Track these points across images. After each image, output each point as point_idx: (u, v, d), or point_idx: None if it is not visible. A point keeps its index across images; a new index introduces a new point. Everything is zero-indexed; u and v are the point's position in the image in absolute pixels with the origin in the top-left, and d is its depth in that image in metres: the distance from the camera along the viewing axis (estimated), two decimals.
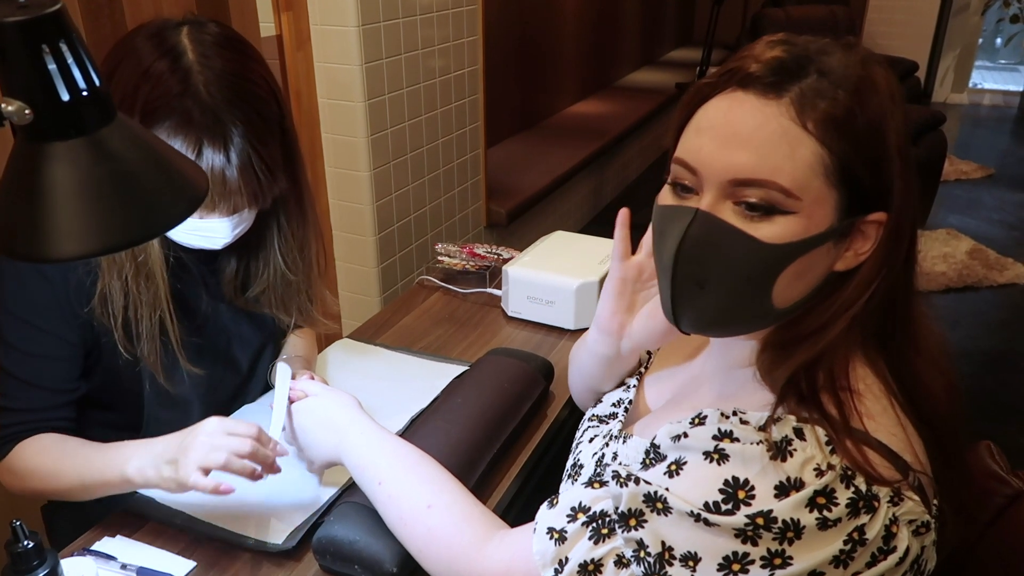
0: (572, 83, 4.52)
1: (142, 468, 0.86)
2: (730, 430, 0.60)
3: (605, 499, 0.65)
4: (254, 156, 0.90)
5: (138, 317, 0.94)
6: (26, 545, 0.69)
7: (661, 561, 0.59)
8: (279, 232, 1.05)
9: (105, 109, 0.58)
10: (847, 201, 0.61)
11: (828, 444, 0.58)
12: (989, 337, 3.00)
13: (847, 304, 0.64)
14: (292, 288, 1.09)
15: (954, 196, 4.40)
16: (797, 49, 0.62)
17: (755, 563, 0.56)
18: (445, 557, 0.74)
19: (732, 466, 0.58)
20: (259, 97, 0.92)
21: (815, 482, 0.56)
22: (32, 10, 0.53)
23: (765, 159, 0.59)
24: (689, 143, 0.64)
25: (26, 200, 0.57)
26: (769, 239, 0.61)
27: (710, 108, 0.64)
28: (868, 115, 0.60)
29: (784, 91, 0.60)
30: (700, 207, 0.63)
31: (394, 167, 2.29)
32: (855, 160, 0.60)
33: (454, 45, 2.48)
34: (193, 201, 0.64)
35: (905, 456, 0.60)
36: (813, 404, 0.61)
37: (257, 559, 0.86)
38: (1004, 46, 6.96)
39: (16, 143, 0.58)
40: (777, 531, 0.55)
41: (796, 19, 4.82)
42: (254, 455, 0.84)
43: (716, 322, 0.67)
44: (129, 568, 0.83)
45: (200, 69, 0.87)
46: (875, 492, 0.57)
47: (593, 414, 0.90)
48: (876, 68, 0.63)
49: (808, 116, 0.59)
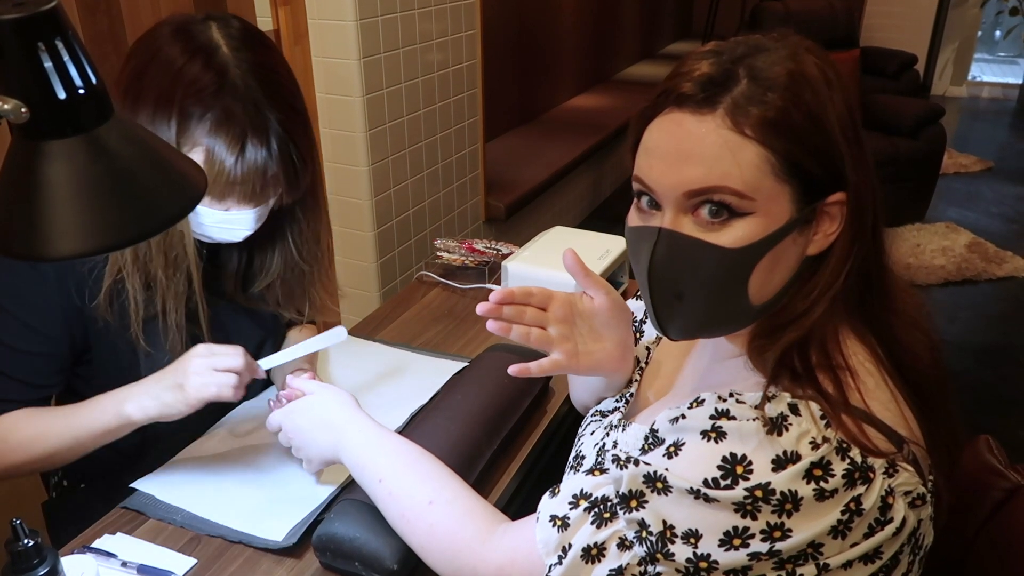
0: (571, 77, 4.51)
1: (142, 404, 0.89)
2: (727, 409, 0.61)
3: (606, 484, 0.66)
4: (292, 147, 0.91)
5: (165, 309, 0.95)
6: (26, 544, 0.69)
7: (663, 540, 0.60)
8: (294, 224, 1.05)
9: (102, 107, 0.58)
10: (801, 191, 0.63)
11: (823, 418, 0.60)
12: (988, 330, 3.00)
13: (827, 285, 0.65)
14: (305, 279, 1.10)
15: (953, 189, 4.40)
16: (724, 59, 0.63)
17: (755, 537, 0.57)
18: (449, 552, 0.74)
19: (729, 443, 0.59)
20: (290, 89, 0.94)
21: (811, 454, 0.57)
22: (28, 8, 0.53)
23: (712, 169, 0.61)
24: (641, 163, 0.67)
25: (23, 199, 0.57)
26: (732, 244, 0.62)
27: (653, 130, 0.66)
28: (803, 109, 0.61)
29: (717, 104, 0.61)
30: (663, 225, 0.65)
31: (392, 162, 2.29)
32: (799, 154, 0.61)
33: (452, 39, 2.47)
34: (191, 199, 0.64)
35: (899, 430, 0.62)
36: (808, 381, 0.62)
37: (257, 556, 0.86)
38: (1003, 39, 6.95)
39: (13, 141, 0.58)
40: (776, 503, 0.57)
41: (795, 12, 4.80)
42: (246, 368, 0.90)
43: (701, 328, 0.70)
44: (130, 566, 0.83)
45: (236, 63, 0.88)
46: (870, 463, 0.58)
47: (596, 410, 0.90)
48: (807, 58, 0.64)
49: (743, 123, 0.61)
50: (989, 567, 0.86)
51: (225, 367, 0.88)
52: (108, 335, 0.97)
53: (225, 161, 0.87)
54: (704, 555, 0.58)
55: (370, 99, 2.13)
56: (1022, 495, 0.85)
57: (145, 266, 0.93)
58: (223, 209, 0.93)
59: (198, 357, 0.89)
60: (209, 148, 0.87)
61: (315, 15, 2.06)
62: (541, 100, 4.16)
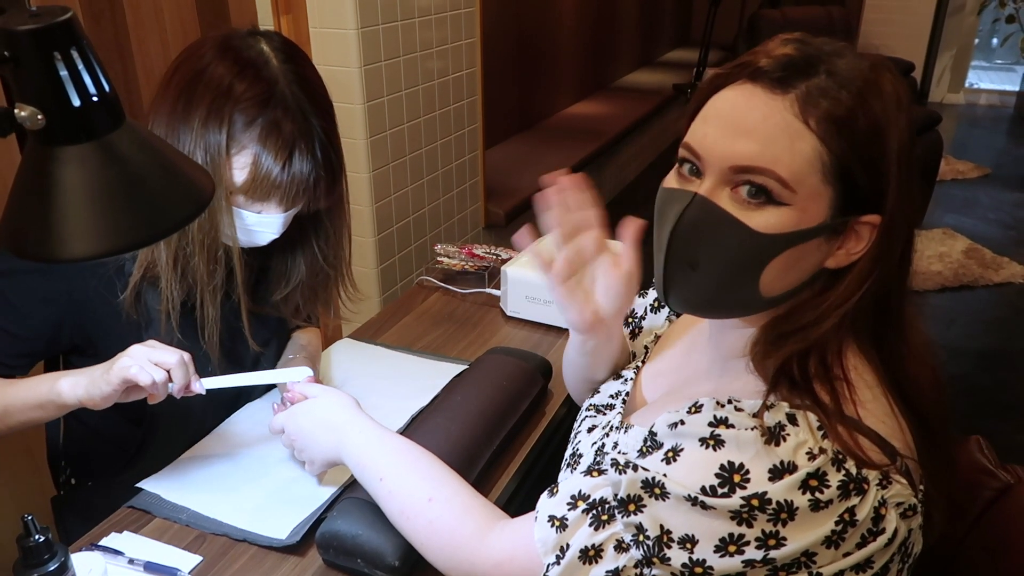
0: (570, 84, 4.54)
1: (74, 380, 0.89)
2: (725, 417, 0.62)
3: (604, 486, 0.67)
4: (332, 154, 0.97)
5: (203, 303, 0.98)
6: (37, 539, 0.71)
7: (660, 544, 0.61)
8: (320, 229, 1.09)
9: (114, 113, 0.60)
10: (842, 199, 0.63)
11: (820, 429, 0.60)
12: (985, 335, 3.02)
13: (839, 302, 0.66)
14: (329, 283, 1.13)
15: (950, 196, 4.42)
16: (810, 49, 0.64)
17: (750, 544, 0.58)
18: (448, 548, 0.75)
19: (727, 451, 0.60)
20: (328, 100, 0.99)
21: (808, 465, 0.58)
22: (44, 18, 0.55)
23: (766, 149, 0.61)
24: (697, 129, 0.67)
25: (37, 202, 0.59)
26: (761, 228, 0.63)
27: (719, 98, 0.66)
28: (869, 118, 0.62)
29: (790, 87, 0.62)
30: (699, 192, 0.65)
31: (393, 168, 2.31)
32: (852, 160, 0.62)
33: (452, 47, 2.50)
34: (199, 203, 0.66)
35: (894, 442, 0.63)
36: (805, 391, 0.63)
37: (262, 554, 0.88)
38: (1000, 46, 6.98)
39: (28, 147, 0.60)
40: (771, 512, 0.57)
41: (792, 20, 4.84)
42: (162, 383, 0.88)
43: (703, 304, 0.70)
44: (137, 563, 0.84)
45: (283, 73, 0.93)
46: (865, 475, 0.59)
47: (591, 404, 0.92)
48: (885, 74, 0.64)
49: (810, 113, 0.61)
50: (980, 565, 0.87)
51: (159, 360, 0.87)
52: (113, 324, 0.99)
53: (273, 167, 0.92)
54: (699, 560, 0.59)
55: (371, 106, 2.15)
56: (1012, 494, 0.87)
57: (185, 261, 0.96)
58: (256, 211, 0.96)
59: (141, 345, 0.89)
60: (258, 154, 0.92)
61: (316, 23, 2.08)
62: (540, 107, 4.18)
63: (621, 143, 4.25)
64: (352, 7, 2.01)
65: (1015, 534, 0.85)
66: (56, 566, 0.72)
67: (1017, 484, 0.87)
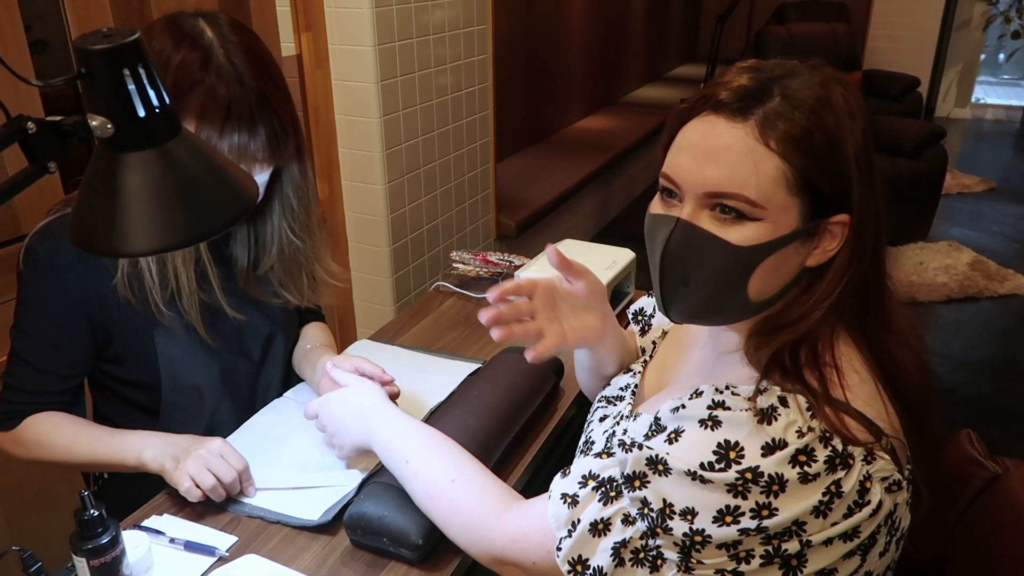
0: (579, 99, 4.61)
1: (156, 457, 0.99)
2: (723, 400, 0.68)
3: (613, 466, 0.73)
4: (275, 119, 1.00)
5: (177, 274, 1.04)
6: (92, 514, 0.77)
7: (663, 516, 0.66)
8: (284, 200, 1.13)
9: (173, 123, 0.67)
10: (810, 207, 0.70)
11: (808, 410, 0.66)
12: (989, 346, 3.05)
13: (823, 296, 0.72)
14: (301, 255, 1.17)
15: (956, 209, 4.46)
16: (762, 75, 0.71)
17: (745, 514, 0.63)
18: (468, 526, 0.81)
19: (724, 430, 0.66)
20: (274, 67, 1.03)
21: (797, 442, 0.64)
22: (115, 39, 0.62)
23: (733, 175, 0.68)
24: (672, 159, 0.74)
25: (104, 203, 0.65)
26: (740, 242, 0.70)
27: (688, 129, 0.73)
28: (824, 131, 0.68)
29: (749, 114, 0.69)
30: (681, 216, 0.72)
31: (408, 180, 2.38)
32: (814, 172, 0.68)
33: (465, 63, 2.57)
34: (245, 205, 0.72)
35: (879, 423, 0.68)
36: (796, 377, 0.69)
37: (293, 534, 0.94)
38: (1007, 61, 7.03)
39: (95, 153, 0.66)
40: (764, 485, 0.63)
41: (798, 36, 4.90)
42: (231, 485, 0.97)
43: (701, 314, 0.77)
44: (177, 542, 0.90)
45: (220, 43, 0.98)
46: (850, 451, 0.64)
47: (603, 395, 0.98)
48: (835, 88, 0.71)
49: (770, 135, 0.68)
50: (969, 551, 0.91)
51: (216, 470, 0.96)
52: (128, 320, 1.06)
53: (212, 133, 0.96)
54: (699, 530, 0.65)
55: (387, 120, 2.22)
56: (1000, 483, 0.91)
57: None
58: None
59: (206, 450, 0.97)
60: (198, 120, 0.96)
61: (336, 40, 2.16)
62: (550, 121, 4.25)
63: (629, 157, 4.32)
64: (370, 25, 2.08)
65: (1003, 522, 0.89)
66: (109, 539, 0.78)
67: (1005, 474, 0.92)
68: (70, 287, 1.02)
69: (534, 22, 3.78)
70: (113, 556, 0.80)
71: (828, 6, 5.53)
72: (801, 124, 0.68)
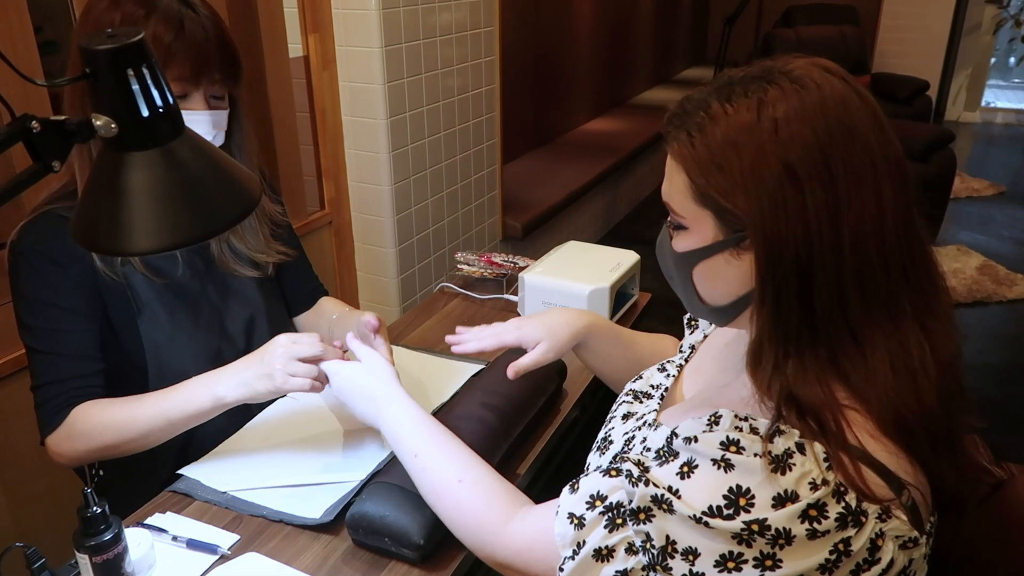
0: (586, 101, 4.61)
1: (233, 389, 1.00)
2: (737, 439, 0.66)
3: (620, 489, 0.72)
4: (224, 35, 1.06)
5: None
6: (95, 511, 0.78)
7: (664, 553, 0.66)
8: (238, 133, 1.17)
9: (176, 123, 0.67)
10: (720, 219, 0.71)
11: (826, 460, 0.64)
12: (998, 351, 3.04)
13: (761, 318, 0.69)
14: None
15: (965, 213, 4.44)
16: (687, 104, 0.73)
17: (748, 563, 0.63)
18: (473, 529, 0.82)
19: (736, 475, 0.64)
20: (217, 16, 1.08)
21: (809, 496, 0.62)
22: (119, 39, 0.62)
23: (668, 188, 0.75)
24: None
25: (108, 202, 0.66)
26: (678, 248, 0.76)
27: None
28: (710, 148, 0.69)
29: (669, 135, 0.74)
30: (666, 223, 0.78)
31: (414, 182, 2.38)
32: (706, 187, 0.70)
33: (472, 65, 2.58)
34: (248, 204, 0.72)
35: (901, 474, 0.65)
36: (814, 418, 0.66)
37: (295, 533, 0.94)
38: (1017, 65, 6.99)
39: (100, 152, 0.67)
40: (770, 537, 0.62)
41: (806, 39, 4.90)
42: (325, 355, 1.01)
43: (689, 310, 0.82)
44: (180, 540, 0.91)
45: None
46: (864, 508, 0.62)
47: (631, 388, 0.97)
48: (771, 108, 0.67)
49: (675, 153, 0.72)
50: (974, 557, 0.91)
51: (304, 355, 0.98)
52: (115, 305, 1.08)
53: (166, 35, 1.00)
54: (699, 573, 0.64)
55: (394, 122, 2.23)
56: (1006, 489, 0.91)
57: None
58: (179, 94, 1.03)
59: (280, 347, 0.99)
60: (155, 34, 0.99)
61: (343, 42, 2.17)
62: (557, 123, 4.26)
63: (636, 159, 4.32)
64: (377, 26, 2.09)
65: (1009, 527, 0.89)
66: (111, 536, 0.79)
67: (1011, 479, 0.91)
68: (63, 272, 1.04)
69: (541, 24, 3.79)
70: (115, 553, 0.80)
71: (837, 9, 5.53)
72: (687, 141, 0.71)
